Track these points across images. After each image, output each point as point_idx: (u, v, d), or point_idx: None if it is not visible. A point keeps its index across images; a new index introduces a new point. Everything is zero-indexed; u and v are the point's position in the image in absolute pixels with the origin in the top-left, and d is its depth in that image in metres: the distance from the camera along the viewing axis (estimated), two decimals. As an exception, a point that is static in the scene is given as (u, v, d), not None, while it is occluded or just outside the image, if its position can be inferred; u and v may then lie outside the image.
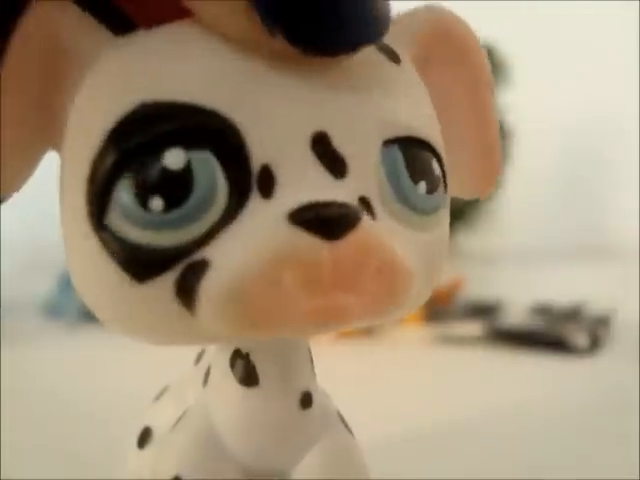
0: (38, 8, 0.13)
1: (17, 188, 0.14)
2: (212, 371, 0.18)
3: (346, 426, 0.18)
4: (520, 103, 0.84)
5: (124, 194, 0.12)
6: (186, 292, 0.13)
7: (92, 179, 0.13)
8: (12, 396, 0.37)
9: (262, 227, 0.12)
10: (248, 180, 0.13)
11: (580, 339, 0.47)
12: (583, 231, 1.12)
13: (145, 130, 0.12)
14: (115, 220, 0.13)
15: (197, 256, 0.13)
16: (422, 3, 0.17)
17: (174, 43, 0.13)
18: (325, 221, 0.12)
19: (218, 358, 0.17)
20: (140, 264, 0.13)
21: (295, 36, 0.12)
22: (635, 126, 1.13)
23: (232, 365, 0.17)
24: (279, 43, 0.13)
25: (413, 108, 0.15)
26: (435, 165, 0.15)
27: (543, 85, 1.03)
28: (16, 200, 0.15)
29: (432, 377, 0.43)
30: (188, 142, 0.12)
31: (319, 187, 0.13)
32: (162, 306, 0.13)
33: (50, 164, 0.15)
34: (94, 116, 0.13)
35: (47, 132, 0.14)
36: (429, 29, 0.16)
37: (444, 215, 0.16)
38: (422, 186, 0.14)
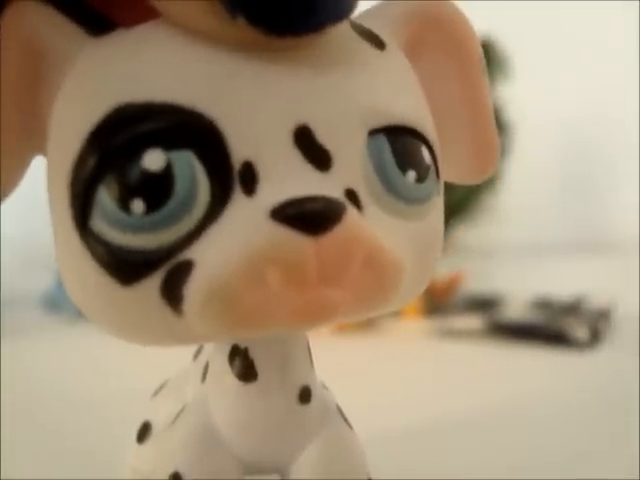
0: (12, 11, 0.13)
1: (7, 194, 0.14)
2: (210, 366, 0.18)
3: (345, 420, 0.18)
4: (520, 98, 0.83)
5: (105, 197, 0.12)
6: (172, 293, 0.13)
7: (74, 183, 0.13)
8: (11, 390, 0.37)
9: (245, 224, 0.12)
10: (230, 177, 0.13)
11: (580, 333, 0.47)
12: (583, 225, 1.12)
13: (123, 132, 0.12)
14: (98, 223, 0.12)
15: (181, 257, 0.12)
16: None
17: (147, 43, 0.13)
18: (308, 216, 0.12)
19: (216, 353, 0.17)
20: (124, 267, 0.13)
21: (256, 18, 0.12)
22: (635, 122, 1.13)
23: (230, 360, 0.17)
24: (244, 29, 0.12)
25: (399, 95, 0.15)
26: (425, 153, 0.15)
27: (543, 80, 1.03)
28: (15, 196, 0.15)
29: (432, 371, 0.43)
30: (167, 142, 0.12)
31: (303, 181, 0.13)
32: (148, 308, 0.13)
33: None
34: (73, 120, 0.13)
35: (33, 137, 0.14)
36: (419, 13, 0.16)
37: (437, 203, 0.15)
38: (411, 175, 0.14)
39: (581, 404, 0.36)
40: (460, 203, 0.86)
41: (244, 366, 0.17)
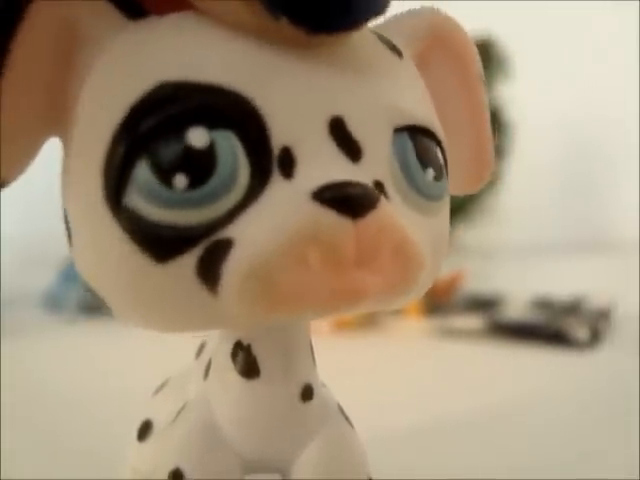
0: None
1: (19, 173, 0.14)
2: (213, 363, 0.18)
3: (346, 418, 0.18)
4: (520, 98, 0.83)
5: (145, 173, 0.12)
6: (209, 271, 0.13)
7: (110, 159, 0.13)
8: (11, 389, 0.37)
9: (286, 205, 0.13)
10: (269, 160, 0.13)
11: (580, 332, 0.47)
12: (583, 225, 1.12)
13: (168, 108, 0.12)
14: (135, 200, 0.12)
15: (220, 235, 0.13)
16: (420, 3, 0.17)
17: (189, 28, 0.13)
18: (348, 200, 0.13)
19: (219, 350, 0.17)
20: (161, 243, 0.13)
21: (298, 18, 0.13)
22: (635, 121, 1.13)
23: (233, 357, 0.17)
24: (285, 28, 0.13)
25: (417, 99, 0.16)
26: (439, 153, 0.15)
27: (544, 80, 1.03)
28: (16, 193, 0.15)
29: (432, 370, 0.43)
30: (210, 122, 0.12)
31: (337, 169, 0.13)
32: (183, 287, 0.13)
33: (50, 158, 0.15)
34: (110, 97, 0.13)
35: (55, 116, 0.14)
36: (426, 30, 0.17)
37: (446, 203, 0.16)
38: (430, 173, 0.15)
39: (581, 404, 0.36)
40: (461, 203, 0.86)
41: (247, 362, 0.17)
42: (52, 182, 0.15)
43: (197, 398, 0.18)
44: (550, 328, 0.49)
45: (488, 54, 0.85)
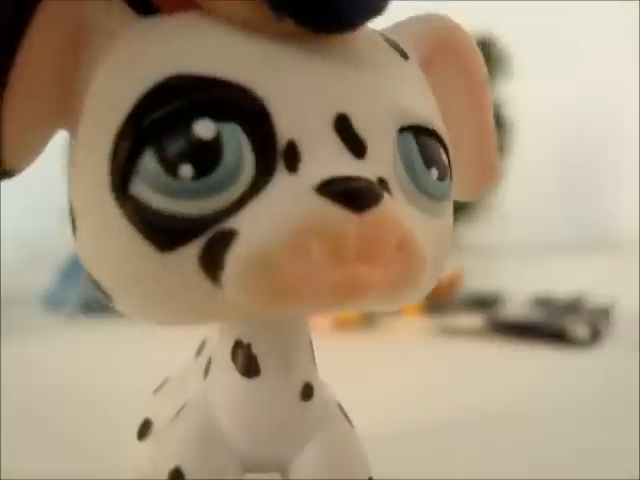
0: None
1: (27, 164, 0.14)
2: (213, 362, 0.18)
3: (346, 417, 0.18)
4: (520, 96, 0.83)
5: (152, 163, 0.13)
6: (211, 262, 0.13)
7: (117, 149, 0.13)
8: (11, 388, 0.37)
9: (290, 198, 0.13)
10: (274, 154, 0.13)
11: (580, 331, 0.47)
12: (583, 223, 1.12)
13: (175, 100, 0.13)
14: (140, 189, 0.13)
15: (224, 226, 0.13)
16: (422, 4, 0.18)
17: (197, 26, 0.14)
18: (352, 194, 0.13)
19: (219, 349, 0.17)
20: (165, 233, 0.13)
21: (303, 19, 0.13)
22: (635, 121, 1.13)
23: (233, 356, 0.17)
24: (289, 27, 0.13)
25: (422, 100, 0.16)
26: (443, 155, 0.16)
27: (543, 78, 1.03)
28: (17, 192, 0.15)
29: (432, 369, 0.43)
30: (217, 114, 0.13)
31: (341, 164, 0.13)
32: (185, 276, 0.13)
33: (51, 158, 0.15)
34: (119, 90, 0.13)
35: (64, 109, 0.14)
36: (433, 35, 0.17)
37: (450, 205, 0.16)
38: (434, 172, 0.15)
39: (581, 402, 0.36)
40: (461, 202, 0.86)
41: (247, 362, 0.17)
42: (52, 182, 0.15)
43: (197, 397, 0.18)
44: (550, 326, 0.49)
45: (488, 53, 0.85)
